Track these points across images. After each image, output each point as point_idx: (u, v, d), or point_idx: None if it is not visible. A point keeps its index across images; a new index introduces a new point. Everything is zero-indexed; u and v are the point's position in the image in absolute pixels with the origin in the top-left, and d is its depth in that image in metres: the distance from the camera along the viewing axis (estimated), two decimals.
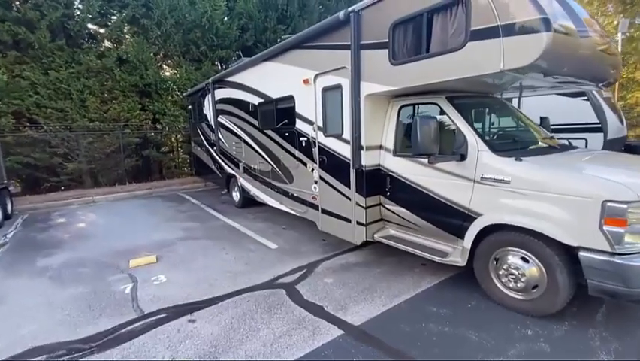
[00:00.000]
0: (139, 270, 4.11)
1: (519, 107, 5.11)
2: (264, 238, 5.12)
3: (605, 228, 2.32)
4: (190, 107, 9.48)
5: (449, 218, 3.22)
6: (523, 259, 2.75)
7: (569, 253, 2.54)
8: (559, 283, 2.56)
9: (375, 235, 3.92)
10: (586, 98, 7.46)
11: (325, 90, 4.09)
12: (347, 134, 3.86)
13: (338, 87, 3.88)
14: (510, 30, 2.36)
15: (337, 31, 3.77)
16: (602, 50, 2.91)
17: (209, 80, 7.43)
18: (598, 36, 2.90)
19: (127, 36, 11.28)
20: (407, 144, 3.65)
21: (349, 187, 3.96)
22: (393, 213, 3.80)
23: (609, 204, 2.29)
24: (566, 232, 2.47)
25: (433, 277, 3.56)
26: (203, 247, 4.85)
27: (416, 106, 3.61)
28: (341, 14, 3.58)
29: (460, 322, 2.75)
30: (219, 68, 12.66)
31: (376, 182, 3.84)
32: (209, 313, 3.04)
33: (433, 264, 3.70)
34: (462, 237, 3.16)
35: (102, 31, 10.81)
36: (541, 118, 4.49)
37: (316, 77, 4.19)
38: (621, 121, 8.21)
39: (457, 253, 3.25)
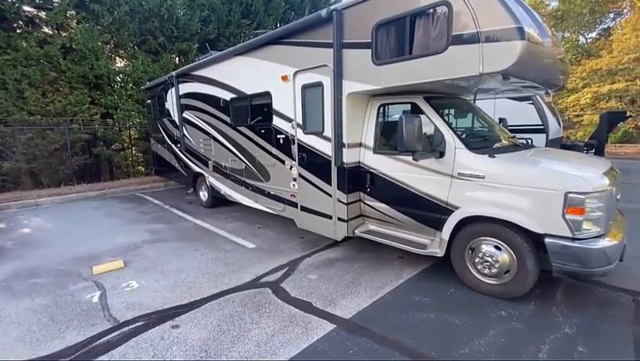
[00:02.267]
0: (105, 277, 3.80)
1: None
2: (240, 238, 4.99)
3: (567, 216, 2.62)
4: (149, 101, 8.89)
5: (428, 212, 3.41)
6: (496, 247, 3.00)
7: (535, 241, 2.83)
8: (528, 268, 2.83)
9: (356, 231, 4.02)
10: (531, 102, 8.29)
11: (305, 87, 4.09)
12: (328, 131, 3.90)
13: (319, 85, 3.90)
14: (489, 37, 2.56)
15: (318, 29, 3.79)
16: (559, 58, 3.27)
17: (173, 74, 7.04)
18: (555, 45, 3.24)
19: (74, 22, 10.25)
20: (387, 141, 3.81)
21: (330, 184, 4.01)
22: (373, 208, 3.92)
23: (570, 195, 2.59)
24: (534, 221, 2.74)
25: (412, 269, 3.74)
26: (174, 249, 4.61)
27: (394, 105, 3.76)
28: (323, 12, 3.61)
29: (443, 308, 2.93)
30: (179, 62, 12.04)
31: (357, 179, 3.93)
32: (194, 318, 2.91)
33: (411, 256, 3.89)
34: (440, 229, 3.36)
35: (43, 14, 9.71)
36: (500, 119, 4.91)
37: (296, 73, 4.18)
38: (559, 123, 9.23)
39: (435, 244, 3.45)
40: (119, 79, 11.16)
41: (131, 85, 11.05)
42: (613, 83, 20.95)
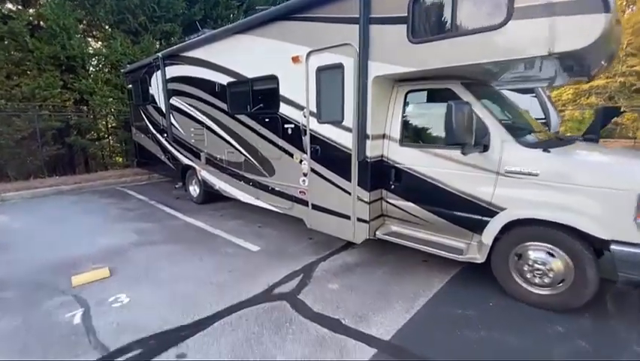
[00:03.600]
0: (88, 289, 3.22)
1: None
2: (241, 239, 4.48)
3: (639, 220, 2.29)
4: (130, 86, 8.06)
5: (465, 213, 3.03)
6: (548, 253, 2.66)
7: (594, 246, 2.50)
8: (588, 277, 2.51)
9: (377, 233, 3.60)
10: (534, 95, 8.09)
11: (321, 70, 3.59)
12: (349, 121, 3.43)
13: (338, 67, 3.41)
14: (563, 8, 2.15)
15: (340, 2, 3.29)
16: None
17: (159, 55, 6.32)
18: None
19: None
20: (416, 133, 3.39)
21: (349, 181, 3.56)
22: (398, 208, 3.51)
23: None
24: (599, 226, 2.40)
25: (442, 275, 3.37)
26: (168, 254, 4.05)
27: (425, 92, 3.33)
28: None
29: (492, 324, 2.57)
30: (160, 45, 11.12)
31: (379, 175, 3.50)
32: (202, 343, 2.42)
33: (435, 260, 3.52)
34: (479, 232, 3.00)
35: None
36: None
37: (309, 54, 3.66)
38: (558, 116, 9.15)
39: (472, 249, 3.09)
40: (94, 61, 10.17)
41: (108, 68, 10.10)
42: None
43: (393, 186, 3.50)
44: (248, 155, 4.88)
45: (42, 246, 4.39)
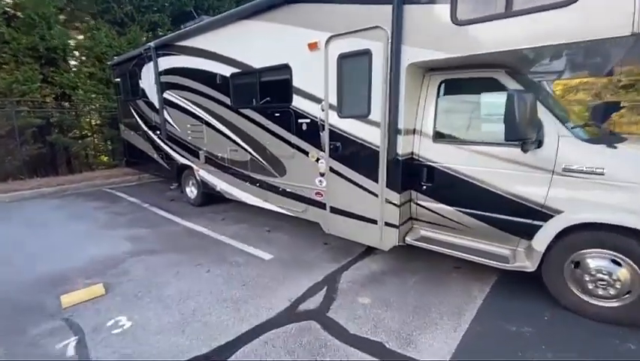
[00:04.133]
0: (81, 311, 2.78)
1: None
2: (250, 246, 4.08)
3: None
4: (118, 80, 7.48)
5: (512, 216, 2.72)
6: (613, 261, 2.37)
7: None
8: None
9: (407, 238, 3.27)
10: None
11: (344, 57, 3.21)
12: (376, 114, 3.07)
13: (365, 53, 3.04)
14: None
15: None
16: None
17: (151, 45, 5.80)
18: None
19: None
20: (453, 127, 3.05)
21: (376, 181, 3.21)
22: (430, 211, 3.18)
23: None
24: None
25: (480, 284, 3.06)
26: (169, 264, 3.61)
27: (462, 82, 2.99)
28: None
29: (554, 343, 2.27)
30: (149, 36, 10.49)
31: (408, 174, 3.15)
32: None
33: (468, 266, 3.21)
34: (526, 237, 2.71)
35: None
36: None
37: (330, 40, 3.27)
38: None
39: (520, 256, 2.79)
40: (77, 53, 9.49)
41: (92, 61, 9.43)
42: None
43: (424, 187, 3.16)
44: (254, 153, 4.46)
45: (24, 258, 3.88)
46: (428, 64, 2.85)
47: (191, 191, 6.11)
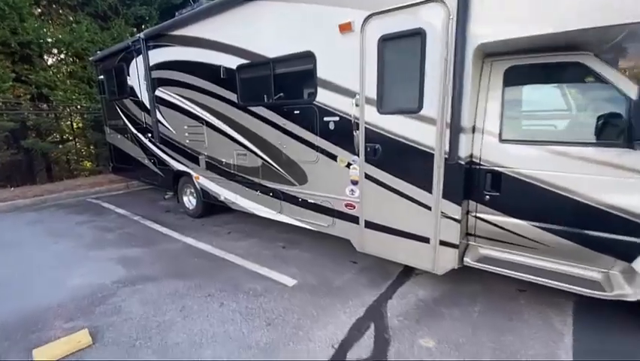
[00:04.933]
0: None
1: None
2: (265, 268, 3.44)
3: None
4: (102, 77, 6.69)
5: (609, 233, 2.19)
6: None
7: None
8: None
9: (467, 259, 2.70)
10: None
11: (387, 40, 2.62)
12: (431, 109, 2.49)
13: (417, 34, 2.46)
14: None
15: None
16: None
17: (140, 36, 5.09)
18: None
19: None
20: (529, 124, 2.51)
21: (429, 191, 2.63)
22: (495, 226, 2.62)
23: None
24: None
25: (559, 314, 2.53)
26: (172, 296, 2.95)
27: (534, 68, 2.44)
28: None
29: None
30: (135, 32, 9.68)
31: (467, 181, 2.59)
32: None
33: (534, 288, 2.64)
34: (626, 258, 2.18)
35: None
36: None
37: (368, 19, 2.68)
38: None
39: (617, 282, 2.25)
40: (55, 50, 8.63)
41: (72, 58, 8.59)
42: None
43: (487, 197, 2.60)
44: (267, 158, 3.83)
45: None
46: (507, 45, 2.28)
47: (189, 201, 5.42)
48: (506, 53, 2.47)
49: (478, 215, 2.69)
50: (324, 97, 3.13)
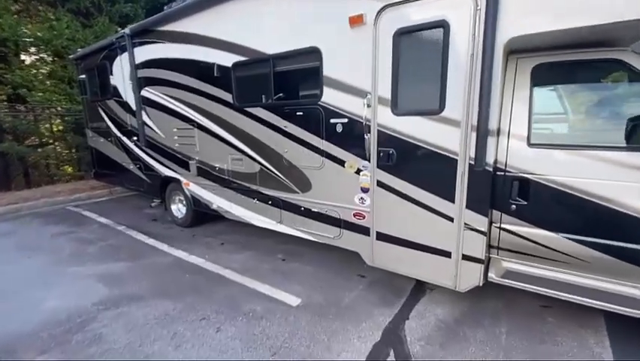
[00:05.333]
0: None
1: None
2: (266, 285, 3.13)
3: None
4: (83, 77, 6.26)
5: None
6: None
7: None
8: None
9: (492, 275, 2.46)
10: None
11: (404, 34, 2.37)
12: (454, 110, 2.25)
13: (439, 26, 2.22)
14: None
15: None
16: None
17: (125, 32, 4.73)
18: None
19: None
20: (562, 126, 2.29)
21: (451, 200, 2.39)
22: (523, 238, 2.39)
23: None
24: None
25: (593, 334, 2.31)
26: (161, 320, 2.61)
27: (569, 66, 2.23)
28: None
29: None
30: (119, 30, 9.23)
31: (492, 189, 2.36)
32: None
33: (559, 304, 2.42)
34: None
35: None
36: None
37: (382, 10, 2.43)
38: None
39: None
40: (33, 48, 8.11)
41: (51, 57, 8.09)
42: None
43: (514, 207, 2.37)
44: (266, 163, 3.53)
45: None
46: (540, 39, 2.05)
47: (179, 209, 5.05)
48: (533, 50, 2.26)
49: (502, 226, 2.45)
50: (330, 97, 2.85)
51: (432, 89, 2.31)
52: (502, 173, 2.37)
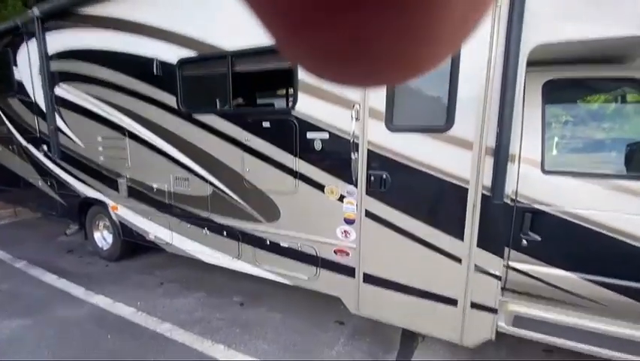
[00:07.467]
0: None
1: None
2: (220, 344, 2.41)
3: None
4: None
5: None
6: None
7: None
8: None
9: (501, 323, 2.07)
10: None
11: None
12: (465, 127, 1.85)
13: None
14: None
15: None
16: None
17: (34, 14, 3.70)
18: None
19: None
20: (577, 151, 2.01)
21: (460, 237, 1.96)
22: (535, 278, 2.05)
23: None
24: None
25: None
26: None
27: (585, 83, 1.98)
28: None
29: None
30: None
31: (502, 223, 2.00)
32: None
33: (559, 350, 2.13)
34: None
35: None
36: None
37: None
38: None
39: None
40: None
41: None
42: None
43: (525, 243, 2.03)
44: (220, 185, 2.83)
45: None
46: (562, 49, 1.74)
47: (103, 238, 4.04)
48: (545, 63, 1.98)
49: (510, 264, 2.10)
50: (307, 106, 2.31)
51: (437, 100, 1.90)
52: (513, 203, 2.02)
